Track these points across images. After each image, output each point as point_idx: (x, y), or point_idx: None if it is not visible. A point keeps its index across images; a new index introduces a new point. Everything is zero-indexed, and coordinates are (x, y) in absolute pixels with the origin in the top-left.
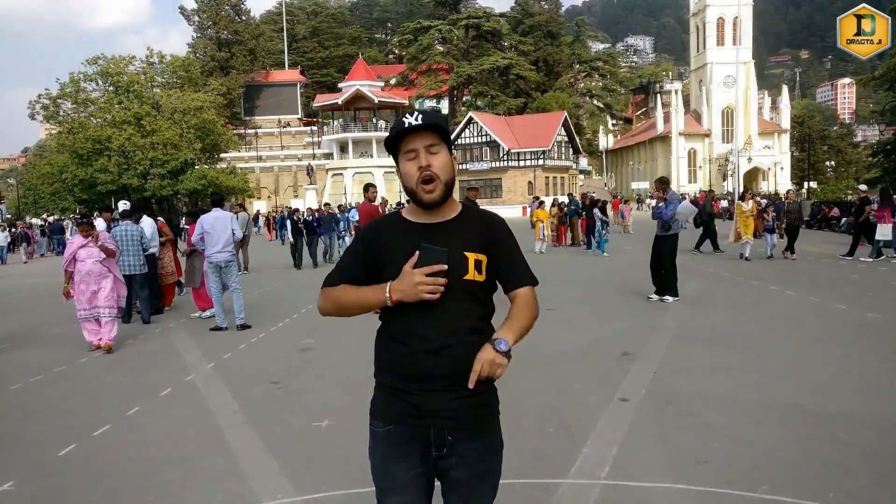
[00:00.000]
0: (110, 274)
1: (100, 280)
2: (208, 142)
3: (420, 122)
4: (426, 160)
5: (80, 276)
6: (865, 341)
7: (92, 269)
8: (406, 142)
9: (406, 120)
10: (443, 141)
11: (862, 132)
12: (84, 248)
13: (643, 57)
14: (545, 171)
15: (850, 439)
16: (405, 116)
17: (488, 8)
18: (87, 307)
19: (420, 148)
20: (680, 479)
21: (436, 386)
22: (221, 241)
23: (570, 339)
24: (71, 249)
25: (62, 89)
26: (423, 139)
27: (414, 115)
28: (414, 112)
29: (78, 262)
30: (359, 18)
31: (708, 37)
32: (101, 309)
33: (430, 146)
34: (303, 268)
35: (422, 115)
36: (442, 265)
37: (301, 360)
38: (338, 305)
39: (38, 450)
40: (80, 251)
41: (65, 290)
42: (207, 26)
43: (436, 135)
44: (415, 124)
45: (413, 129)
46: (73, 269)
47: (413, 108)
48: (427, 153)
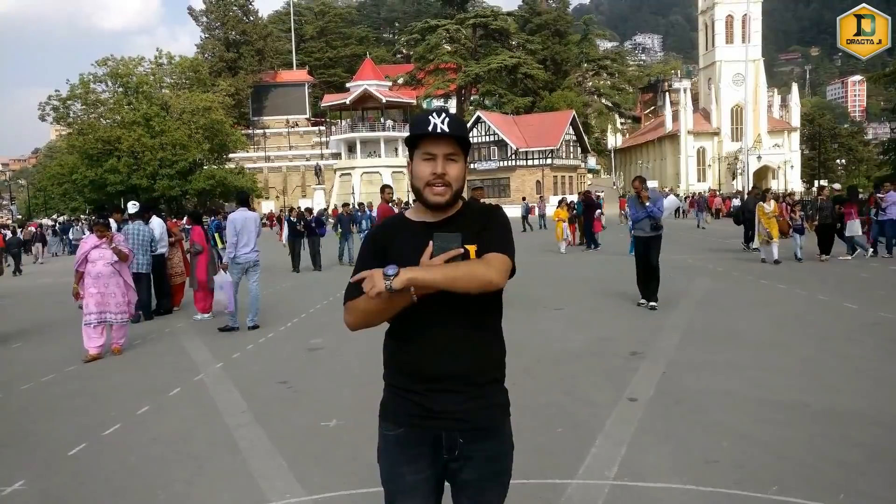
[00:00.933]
0: (121, 278)
1: (109, 283)
2: (217, 142)
3: (448, 131)
4: (443, 168)
5: (90, 278)
6: (876, 340)
7: (102, 270)
8: (427, 143)
9: (433, 121)
10: (462, 150)
11: (873, 129)
12: (97, 248)
13: (651, 55)
14: (553, 170)
15: (862, 438)
16: (432, 115)
17: (496, 7)
18: (94, 310)
19: (440, 154)
20: (689, 480)
21: (445, 386)
22: (252, 242)
23: (578, 338)
24: (83, 249)
25: (72, 90)
26: (445, 146)
27: (441, 118)
28: (441, 112)
29: (89, 263)
30: (366, 18)
31: (717, 34)
32: (113, 315)
33: (450, 154)
34: (302, 271)
35: (448, 119)
36: (458, 249)
37: (309, 360)
38: (365, 316)
39: (48, 449)
40: (92, 252)
41: (74, 291)
42: (215, 27)
43: (457, 143)
44: (445, 130)
45: (439, 134)
46: (84, 270)
47: (421, 108)
48: (445, 160)
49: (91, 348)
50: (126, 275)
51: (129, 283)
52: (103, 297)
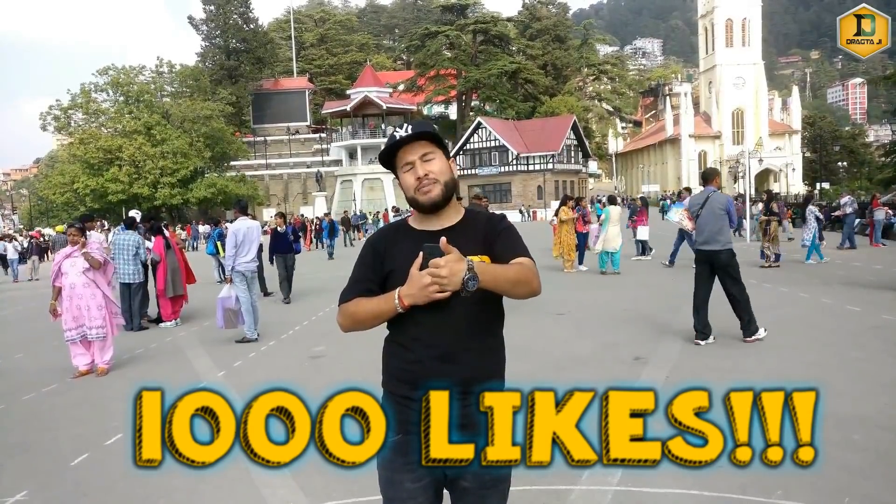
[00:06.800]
0: (98, 290)
1: (84, 295)
2: (217, 150)
3: (409, 133)
4: (423, 170)
5: (65, 291)
6: (880, 343)
7: (76, 282)
8: (401, 155)
9: (397, 133)
10: (437, 147)
11: (874, 132)
12: (69, 258)
13: (652, 59)
14: (554, 175)
15: (866, 443)
16: (395, 130)
17: (496, 13)
18: (73, 326)
19: (415, 159)
20: (694, 485)
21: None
22: (253, 251)
23: (581, 344)
24: (56, 261)
25: (73, 100)
26: (416, 150)
27: (403, 128)
28: (404, 125)
29: (63, 276)
30: (366, 25)
31: (717, 38)
32: (89, 329)
33: (425, 155)
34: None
35: (410, 126)
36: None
37: (312, 368)
38: (355, 320)
39: (51, 459)
40: (64, 262)
41: (51, 308)
42: (216, 35)
43: (429, 143)
44: (404, 136)
45: (404, 140)
46: (61, 284)
47: (421, 114)
48: (422, 162)
49: (79, 364)
50: (103, 286)
51: (108, 296)
52: (80, 310)
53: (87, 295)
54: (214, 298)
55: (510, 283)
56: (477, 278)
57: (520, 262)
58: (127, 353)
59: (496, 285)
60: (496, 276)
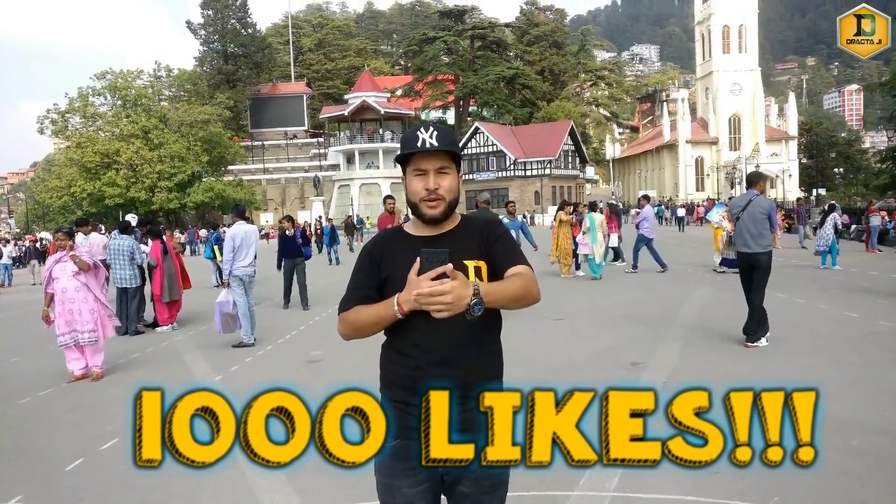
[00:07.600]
0: (90, 293)
1: (76, 300)
2: (215, 154)
3: (437, 145)
4: (435, 183)
5: (57, 295)
6: (877, 349)
7: (67, 286)
8: (418, 159)
9: (421, 136)
10: (453, 162)
11: (870, 138)
12: (59, 263)
13: (649, 65)
14: (552, 180)
15: (864, 448)
16: (419, 131)
17: (493, 18)
18: (65, 330)
19: (431, 169)
20: (691, 490)
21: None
22: (251, 255)
23: (579, 349)
24: (48, 266)
25: (71, 104)
26: (435, 160)
27: (429, 132)
28: (429, 127)
29: (54, 281)
30: (364, 30)
31: (713, 45)
32: (81, 333)
33: (441, 168)
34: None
35: (437, 132)
36: (446, 266)
37: (309, 372)
38: (355, 328)
39: (46, 463)
40: (54, 268)
41: (44, 315)
42: (214, 40)
43: (448, 156)
44: (430, 146)
45: (428, 149)
46: (53, 290)
47: (419, 119)
48: (436, 174)
49: (74, 369)
50: (95, 289)
51: (100, 299)
52: (72, 314)
53: (79, 299)
54: (212, 303)
55: (513, 300)
56: (482, 303)
57: (519, 272)
58: (123, 358)
59: (499, 305)
60: (500, 298)
